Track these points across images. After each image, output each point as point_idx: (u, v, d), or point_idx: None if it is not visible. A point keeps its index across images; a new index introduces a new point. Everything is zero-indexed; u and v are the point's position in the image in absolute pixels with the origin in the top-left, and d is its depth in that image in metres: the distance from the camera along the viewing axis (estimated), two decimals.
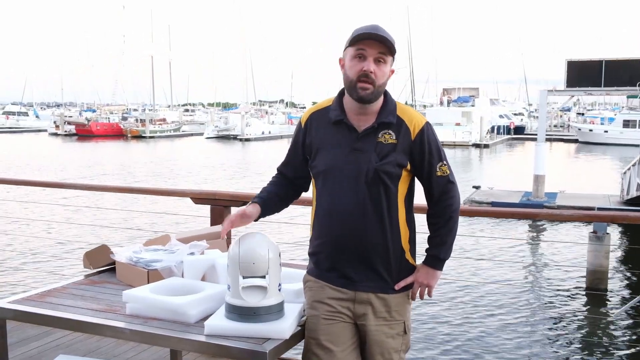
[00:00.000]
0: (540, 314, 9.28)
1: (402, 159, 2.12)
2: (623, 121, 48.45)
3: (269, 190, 2.35)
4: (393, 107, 2.16)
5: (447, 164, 2.18)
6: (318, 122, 2.23)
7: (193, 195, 4.08)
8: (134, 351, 3.56)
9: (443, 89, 55.99)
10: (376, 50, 2.06)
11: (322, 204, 2.20)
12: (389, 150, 2.11)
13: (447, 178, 2.17)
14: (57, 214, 15.74)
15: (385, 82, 2.11)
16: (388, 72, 2.12)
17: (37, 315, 2.32)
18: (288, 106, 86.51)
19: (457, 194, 2.21)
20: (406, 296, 2.23)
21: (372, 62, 2.06)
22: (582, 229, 14.56)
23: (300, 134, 2.27)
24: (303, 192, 2.42)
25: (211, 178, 25.87)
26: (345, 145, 2.15)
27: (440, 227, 2.20)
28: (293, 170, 2.34)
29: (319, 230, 2.21)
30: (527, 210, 3.69)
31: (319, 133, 2.21)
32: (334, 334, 2.16)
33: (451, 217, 2.19)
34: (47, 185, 6.30)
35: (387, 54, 2.08)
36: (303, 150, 2.27)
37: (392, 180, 2.12)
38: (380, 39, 2.05)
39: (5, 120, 67.17)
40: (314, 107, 2.31)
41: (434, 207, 2.21)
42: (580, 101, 75.53)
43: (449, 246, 2.21)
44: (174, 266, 2.56)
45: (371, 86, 2.07)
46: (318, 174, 2.21)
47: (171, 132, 57.40)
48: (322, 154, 2.18)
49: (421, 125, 2.14)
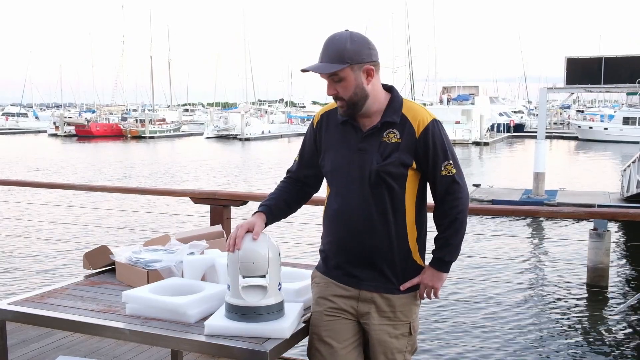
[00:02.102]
0: (541, 312, 9.27)
1: (406, 158, 2.09)
2: (623, 118, 48.47)
3: (276, 196, 2.32)
4: (398, 106, 2.14)
5: (453, 164, 2.12)
6: (327, 122, 2.24)
7: (193, 195, 4.07)
8: (134, 352, 3.56)
9: (443, 87, 55.93)
10: (326, 75, 2.09)
11: (330, 204, 2.21)
12: (392, 150, 2.09)
13: (452, 178, 2.11)
14: (56, 214, 15.75)
15: (355, 92, 2.07)
16: (353, 82, 2.06)
17: (37, 317, 2.31)
18: (288, 105, 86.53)
19: (464, 194, 2.13)
20: (413, 297, 2.20)
21: (331, 83, 2.09)
22: (582, 227, 14.55)
23: (312, 133, 2.29)
24: (314, 193, 2.40)
25: (211, 178, 25.87)
26: (350, 145, 2.15)
27: (445, 228, 2.15)
28: (305, 169, 2.33)
29: (327, 229, 2.23)
30: (528, 208, 3.68)
31: (327, 133, 2.22)
32: (335, 331, 2.16)
33: (456, 218, 2.12)
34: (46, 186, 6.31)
35: (338, 72, 2.05)
36: (315, 149, 2.27)
37: (396, 181, 2.09)
38: (314, 71, 2.06)
39: (5, 121, 67.17)
40: (325, 107, 2.32)
41: (439, 208, 2.16)
42: (580, 99, 75.49)
43: (455, 248, 2.15)
44: (173, 266, 2.56)
45: (343, 102, 2.10)
46: (326, 173, 2.23)
47: (171, 132, 57.41)
48: (330, 154, 2.20)
49: (426, 123, 2.10)
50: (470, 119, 45.70)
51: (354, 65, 2.06)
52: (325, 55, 2.06)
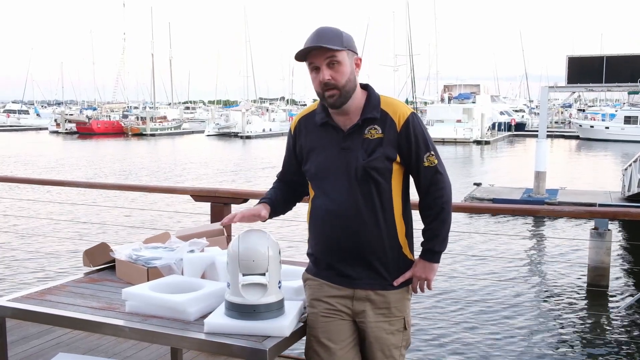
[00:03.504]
0: (541, 311, 9.27)
1: (390, 152, 2.11)
2: (624, 117, 48.44)
3: (274, 192, 2.37)
4: (377, 102, 2.15)
5: (435, 154, 2.15)
6: (306, 127, 2.25)
7: (193, 192, 4.07)
8: (134, 349, 3.56)
9: (444, 85, 55.98)
10: (323, 57, 2.06)
11: (316, 206, 2.21)
12: (376, 145, 2.11)
13: (435, 168, 2.14)
14: (56, 211, 15.75)
15: (349, 79, 2.09)
16: (348, 67, 2.09)
17: (37, 314, 2.31)
18: (289, 103, 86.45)
19: (447, 185, 2.17)
20: (406, 292, 2.22)
21: (326, 68, 2.06)
22: (583, 226, 14.55)
23: (291, 140, 2.30)
24: (305, 194, 2.40)
25: (211, 175, 25.87)
26: (333, 145, 2.16)
27: (432, 219, 2.17)
28: (290, 176, 2.37)
29: (315, 231, 2.22)
30: (528, 207, 3.67)
31: (308, 137, 2.23)
32: (332, 332, 2.16)
33: (443, 208, 2.16)
34: (46, 182, 6.31)
35: (337, 53, 2.06)
36: (295, 155, 2.29)
37: (383, 176, 2.12)
38: (318, 47, 2.03)
39: (6, 118, 67.23)
40: (301, 112, 2.34)
41: (424, 199, 2.19)
42: (582, 97, 75.48)
43: (443, 238, 2.18)
44: (173, 264, 2.55)
45: (336, 90, 2.08)
46: (311, 176, 2.23)
47: (172, 130, 57.43)
48: (313, 157, 2.20)
49: (406, 116, 2.12)
50: (472, 118, 45.69)
51: (349, 52, 2.09)
52: (323, 39, 2.05)
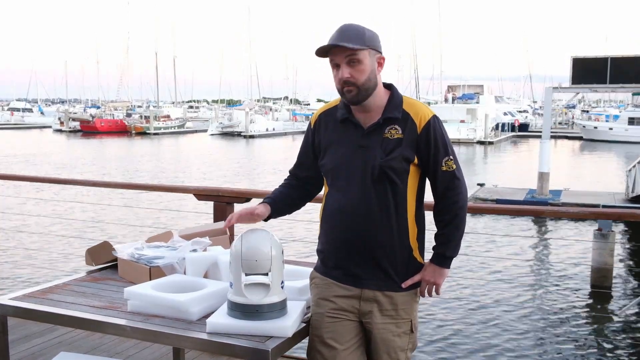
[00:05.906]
0: (544, 312, 9.25)
1: (408, 153, 2.10)
2: (628, 118, 48.34)
3: (280, 191, 2.36)
4: (399, 102, 2.15)
5: (454, 159, 2.14)
6: (326, 122, 2.25)
7: (196, 191, 4.06)
8: (136, 348, 3.55)
9: (448, 86, 55.88)
10: (343, 55, 2.06)
11: (329, 202, 2.20)
12: (395, 145, 2.10)
13: (453, 173, 2.13)
14: (59, 210, 15.76)
15: (369, 77, 2.08)
16: (368, 66, 2.08)
17: (39, 312, 2.31)
18: (292, 103, 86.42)
19: (463, 190, 2.16)
20: (413, 294, 2.21)
21: (346, 66, 2.06)
22: (586, 227, 14.51)
23: (310, 134, 2.30)
24: (318, 193, 2.40)
25: (214, 175, 25.88)
26: (351, 142, 2.15)
27: (446, 224, 2.16)
28: (305, 171, 2.35)
29: (326, 229, 2.21)
30: (532, 208, 3.66)
31: (327, 132, 2.23)
32: (338, 332, 2.15)
33: (457, 214, 2.15)
34: (49, 181, 6.30)
35: (357, 52, 2.05)
36: (313, 150, 2.28)
37: (399, 176, 2.10)
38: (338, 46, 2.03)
39: (10, 116, 67.38)
40: (322, 107, 2.33)
41: (439, 204, 2.18)
42: (585, 98, 75.28)
43: (456, 244, 2.17)
44: (176, 263, 2.55)
45: (354, 88, 2.07)
46: (327, 172, 2.22)
47: (175, 129, 57.48)
48: (330, 153, 2.19)
49: (427, 119, 2.12)
50: (475, 118, 45.60)
51: (371, 51, 2.09)
52: (345, 37, 2.05)
